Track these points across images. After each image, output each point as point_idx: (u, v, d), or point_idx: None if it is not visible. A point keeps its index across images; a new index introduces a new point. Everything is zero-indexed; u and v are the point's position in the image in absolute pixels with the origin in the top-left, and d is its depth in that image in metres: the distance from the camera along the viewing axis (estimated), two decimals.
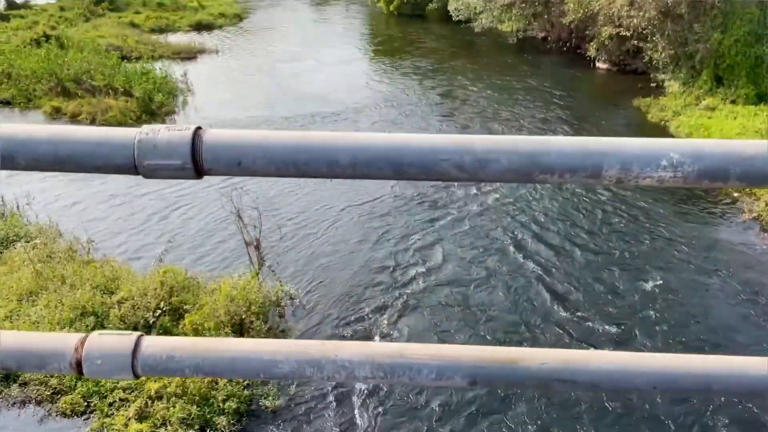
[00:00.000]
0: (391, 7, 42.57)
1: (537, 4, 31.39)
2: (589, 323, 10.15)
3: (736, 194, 14.83)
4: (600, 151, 0.88)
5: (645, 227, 13.56)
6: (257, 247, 11.40)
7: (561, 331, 9.96)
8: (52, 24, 32.82)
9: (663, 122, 20.61)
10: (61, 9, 38.19)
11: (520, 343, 9.92)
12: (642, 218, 13.99)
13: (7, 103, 22.03)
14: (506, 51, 32.91)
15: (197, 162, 0.91)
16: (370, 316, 10.51)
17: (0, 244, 11.65)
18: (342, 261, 12.40)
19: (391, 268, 12.06)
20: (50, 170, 0.94)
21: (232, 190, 14.44)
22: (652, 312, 10.39)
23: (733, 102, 20.24)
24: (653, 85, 24.17)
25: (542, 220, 13.94)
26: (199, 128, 0.93)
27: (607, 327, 10.03)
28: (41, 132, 0.92)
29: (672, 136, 19.64)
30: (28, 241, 11.45)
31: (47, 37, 28.16)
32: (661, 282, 11.29)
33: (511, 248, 12.72)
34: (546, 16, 31.83)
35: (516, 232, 13.36)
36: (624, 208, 14.45)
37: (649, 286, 11.20)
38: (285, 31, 37.98)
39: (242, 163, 0.92)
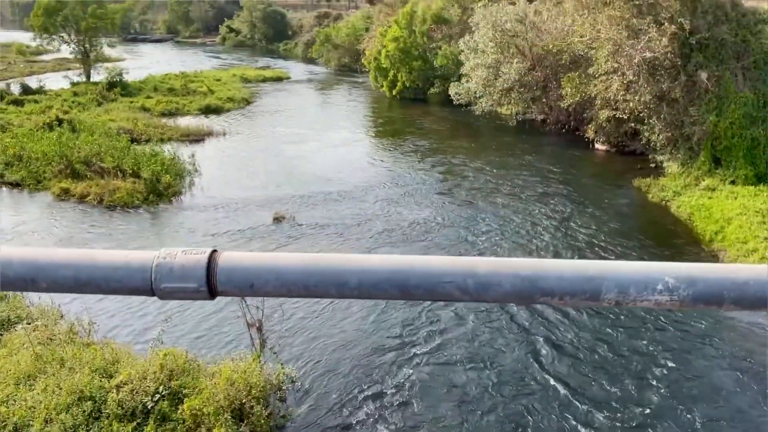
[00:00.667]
0: (394, 92, 44.02)
1: (535, 88, 32.47)
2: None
3: None
4: (598, 275, 0.91)
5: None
6: (259, 329, 11.28)
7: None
8: (65, 108, 33.91)
9: (664, 202, 20.82)
10: (75, 94, 39.55)
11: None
12: None
13: (16, 185, 22.44)
14: (506, 132, 33.76)
15: (211, 284, 0.95)
16: (371, 401, 10.26)
17: (1, 326, 11.55)
18: (344, 342, 12.23)
19: (393, 351, 11.88)
20: (70, 292, 0.97)
21: None
22: None
23: (733, 182, 20.52)
24: (652, 165, 24.59)
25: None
26: (214, 251, 0.97)
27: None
28: (62, 256, 0.96)
29: (674, 215, 19.79)
30: (29, 323, 11.37)
31: (60, 121, 29.03)
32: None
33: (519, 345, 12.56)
34: (544, 100, 32.84)
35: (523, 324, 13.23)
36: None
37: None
38: (290, 114, 39.16)
39: (254, 285, 0.95)
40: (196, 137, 31.18)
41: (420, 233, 19.18)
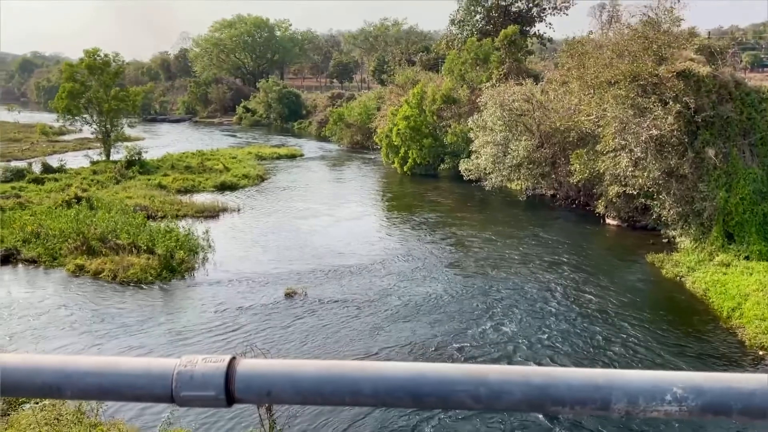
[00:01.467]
0: (405, 168, 44.81)
1: (544, 164, 32.94)
2: None
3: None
4: (607, 384, 0.93)
5: None
6: (269, 409, 11.04)
7: None
8: (84, 186, 34.76)
9: (678, 278, 20.60)
10: (94, 172, 40.63)
11: None
12: None
13: (33, 262, 22.70)
14: (516, 207, 34.00)
15: (230, 392, 0.98)
16: None
17: (9, 406, 11.41)
18: (357, 421, 11.91)
19: None
20: (94, 399, 1.00)
21: (243, 343, 14.34)
22: None
23: (747, 258, 20.34)
24: (665, 240, 24.52)
25: None
26: (233, 359, 1.01)
27: None
28: (87, 363, 1.00)
29: (689, 291, 19.52)
30: (37, 403, 11.22)
31: (78, 199, 29.69)
32: None
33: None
34: (553, 176, 33.23)
35: None
36: None
37: None
38: (303, 189, 39.84)
39: (271, 393, 0.98)
40: (211, 213, 31.64)
41: (432, 307, 19.02)
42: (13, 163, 41.69)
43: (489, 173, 34.41)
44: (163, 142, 65.30)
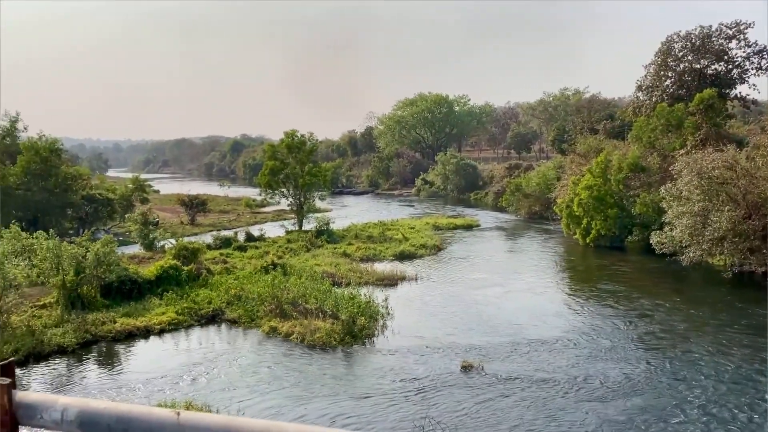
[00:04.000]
0: (588, 239, 42.64)
1: (753, 238, 29.34)
2: None
3: None
4: None
5: None
6: None
7: None
8: (279, 254, 38.00)
9: None
10: (288, 241, 44.34)
11: None
12: None
13: (234, 322, 25.01)
14: (718, 286, 30.42)
15: None
16: None
17: None
18: None
19: None
20: None
21: (418, 414, 14.19)
22: None
23: None
24: None
25: None
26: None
27: None
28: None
29: None
30: None
31: (274, 265, 32.45)
32: None
33: None
34: (764, 251, 29.38)
35: None
36: None
37: None
38: (479, 260, 39.56)
39: None
40: (390, 282, 32.60)
41: (620, 392, 17.40)
42: (222, 233, 47.03)
43: (686, 246, 31.39)
44: (348, 213, 69.56)
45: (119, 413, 1.29)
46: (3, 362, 1.41)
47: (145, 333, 23.55)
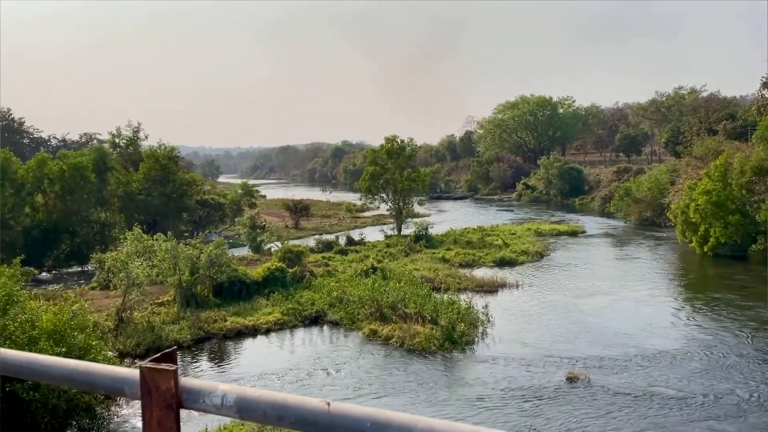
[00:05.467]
0: (705, 248, 39.76)
1: None
2: None
3: None
4: None
5: None
6: None
7: None
8: (379, 258, 38.43)
9: None
10: (387, 245, 44.75)
11: None
12: None
13: (335, 324, 25.57)
14: None
15: None
16: None
17: None
18: None
19: None
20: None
21: (523, 425, 13.80)
22: None
23: None
24: None
25: None
26: None
27: None
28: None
29: None
30: None
31: (374, 269, 32.87)
32: None
33: None
34: None
35: None
36: None
37: None
38: (585, 268, 37.95)
39: None
40: (490, 288, 32.04)
41: (734, 412, 16.04)
42: (324, 236, 48.29)
43: None
44: (447, 217, 69.22)
45: (274, 400, 1.41)
46: (167, 351, 1.58)
47: (253, 332, 24.60)
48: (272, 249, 40.33)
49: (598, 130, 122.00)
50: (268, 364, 20.88)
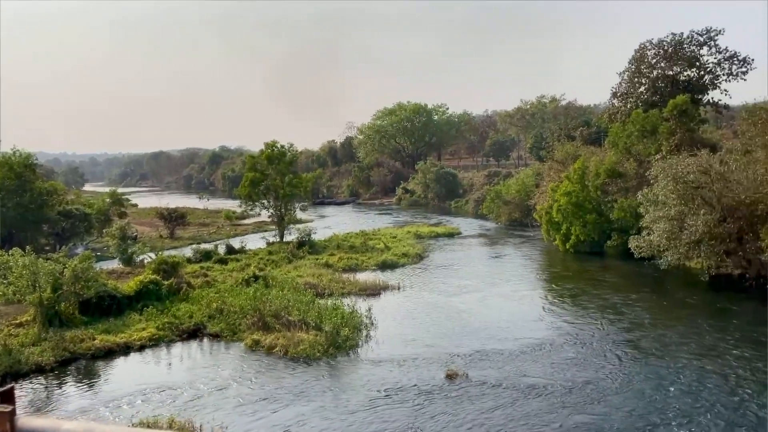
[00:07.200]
0: (567, 245, 43.06)
1: (729, 241, 29.86)
2: None
3: None
4: None
5: None
6: None
7: None
8: (260, 266, 37.68)
9: None
10: (269, 253, 44.02)
11: None
12: None
13: (216, 336, 24.72)
14: (697, 288, 30.93)
15: None
16: None
17: None
18: None
19: None
20: None
21: (407, 425, 14.11)
22: None
23: None
24: None
25: None
26: None
27: None
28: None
29: None
30: None
31: (256, 277, 32.18)
32: None
33: None
34: (741, 253, 29.91)
35: None
36: None
37: None
38: (461, 267, 39.65)
39: None
40: (373, 291, 32.54)
41: (600, 397, 17.56)
42: (202, 246, 46.53)
43: (663, 250, 31.84)
44: (330, 222, 69.43)
45: None
46: (3, 389, 1.43)
47: (126, 349, 23.18)
48: (145, 261, 38.23)
49: (471, 136, 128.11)
50: (140, 383, 19.74)
